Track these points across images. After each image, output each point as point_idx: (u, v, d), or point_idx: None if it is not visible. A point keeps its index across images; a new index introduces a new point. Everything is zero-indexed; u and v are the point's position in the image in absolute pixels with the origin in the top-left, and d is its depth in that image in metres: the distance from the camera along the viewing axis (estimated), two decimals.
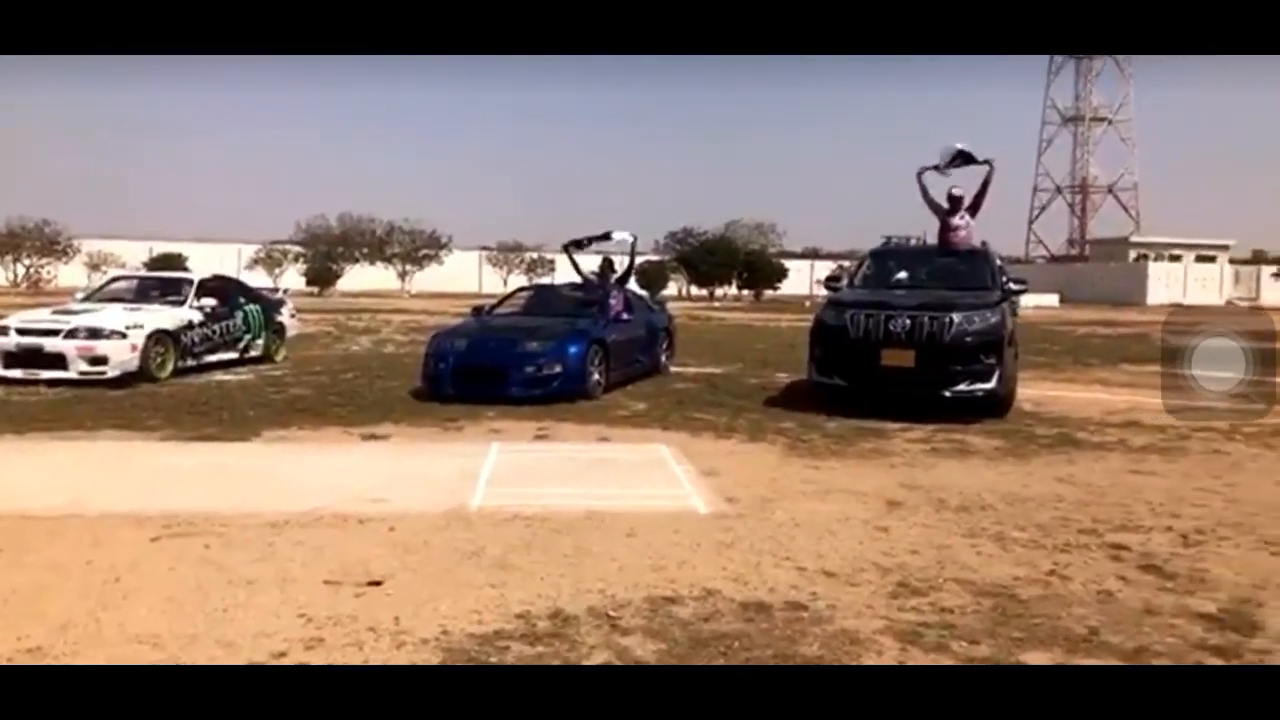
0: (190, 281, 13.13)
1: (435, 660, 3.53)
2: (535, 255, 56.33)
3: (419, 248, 52.66)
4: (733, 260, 53.73)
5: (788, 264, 54.22)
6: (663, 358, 13.35)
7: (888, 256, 11.74)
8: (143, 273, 19.37)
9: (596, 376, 10.82)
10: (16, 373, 10.91)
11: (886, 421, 9.21)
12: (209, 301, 12.73)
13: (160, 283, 13.77)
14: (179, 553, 4.80)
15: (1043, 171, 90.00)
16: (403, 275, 52.07)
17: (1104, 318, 33.52)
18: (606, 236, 13.17)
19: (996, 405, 9.68)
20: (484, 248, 57.87)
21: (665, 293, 53.43)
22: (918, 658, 3.66)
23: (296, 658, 3.52)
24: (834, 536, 5.32)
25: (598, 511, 5.70)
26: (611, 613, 4.05)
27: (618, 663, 3.54)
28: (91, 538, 5.01)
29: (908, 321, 9.59)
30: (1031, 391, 11.46)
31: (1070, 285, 58.14)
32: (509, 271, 55.74)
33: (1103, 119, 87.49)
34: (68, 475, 6.66)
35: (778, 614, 4.10)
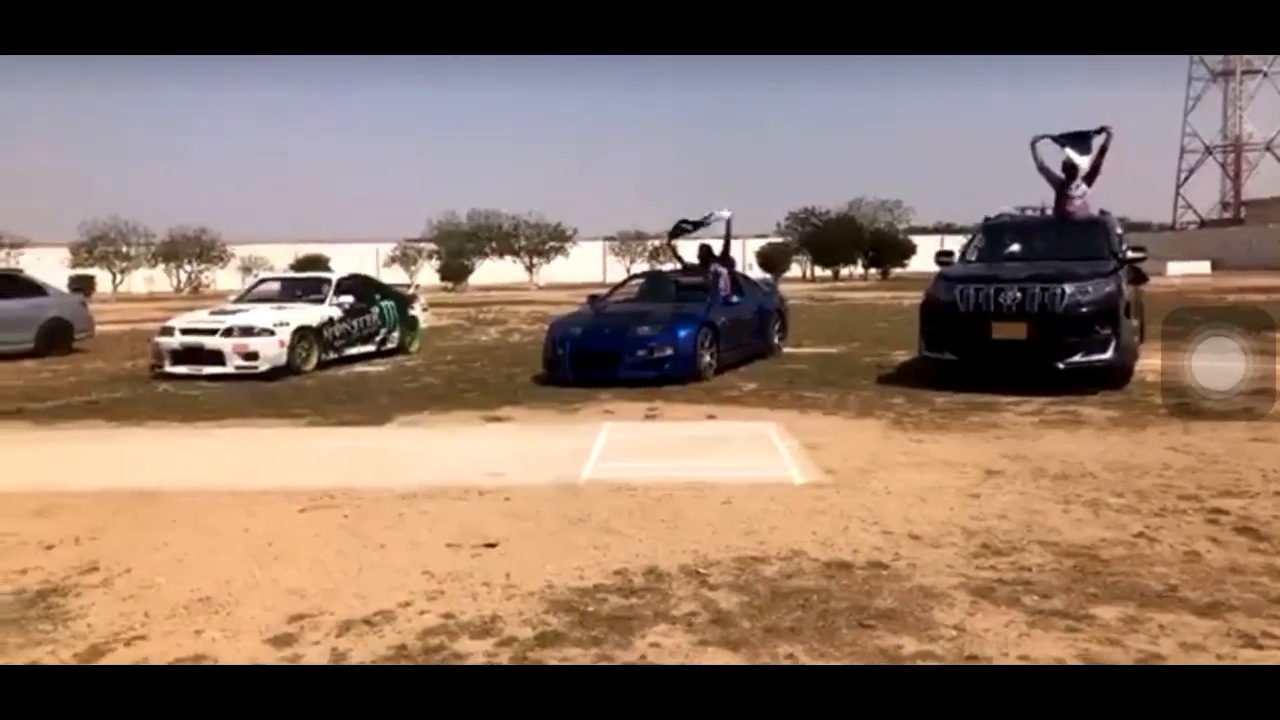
0: (329, 281, 14.11)
1: (541, 610, 3.94)
2: (657, 243, 56.84)
3: (544, 241, 53.94)
4: (858, 239, 52.93)
5: (918, 240, 52.94)
6: (775, 339, 13.55)
7: (1001, 229, 11.59)
8: (287, 274, 20.73)
9: (708, 358, 11.13)
10: (182, 369, 12.04)
11: (999, 395, 9.19)
12: (347, 299, 13.66)
13: (303, 283, 14.83)
14: (322, 522, 5.40)
15: (1190, 131, 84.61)
16: (530, 268, 53.47)
17: (1260, 284, 31.54)
18: (706, 220, 13.42)
19: (1114, 376, 9.50)
20: (607, 238, 58.70)
21: (788, 274, 53.32)
22: (988, 610, 3.85)
23: (420, 607, 4.00)
24: (925, 504, 5.49)
25: (697, 483, 6.03)
26: (701, 570, 4.39)
27: (704, 616, 3.87)
28: (248, 510, 5.66)
29: (1018, 294, 9.50)
30: (1156, 362, 11.12)
31: (1224, 250, 54.67)
32: (632, 260, 56.42)
33: (1256, 71, 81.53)
34: (228, 458, 7.45)
35: (858, 572, 4.34)
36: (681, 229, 13.84)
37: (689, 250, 13.82)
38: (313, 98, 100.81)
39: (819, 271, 54.97)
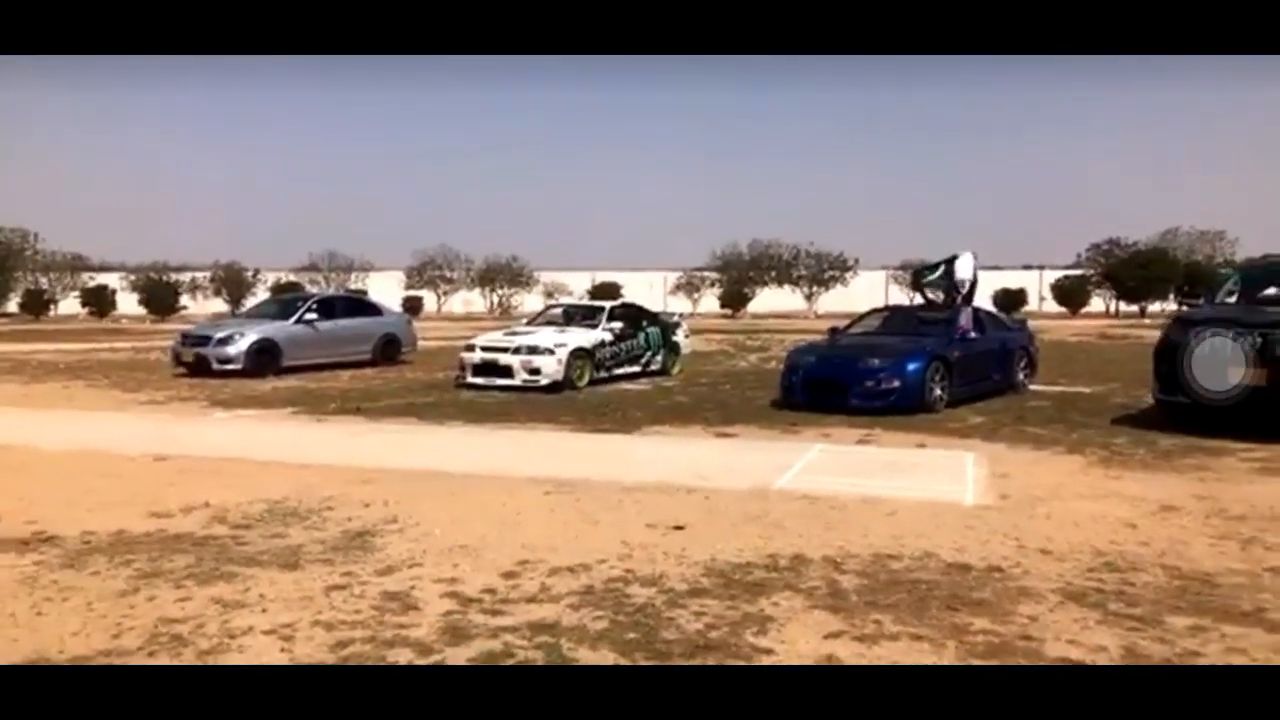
0: (603, 309, 16.01)
1: (698, 574, 5.06)
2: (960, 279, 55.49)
3: (824, 269, 54.56)
4: (1170, 273, 48.81)
5: None
6: (1020, 376, 13.67)
7: (1260, 272, 11.17)
8: (570, 301, 23.27)
9: (938, 392, 11.65)
10: (480, 380, 14.33)
11: (1232, 441, 9.09)
12: (618, 324, 15.49)
13: (582, 310, 16.89)
14: (559, 502, 6.84)
15: None
16: (809, 297, 54.27)
17: None
18: (950, 262, 13.79)
19: None
20: (886, 267, 58.21)
21: (1087, 309, 50.16)
22: (1069, 608, 4.48)
23: (611, 564, 5.26)
24: (1076, 529, 6.00)
25: (873, 497, 6.88)
26: (839, 560, 5.32)
27: (823, 589, 4.82)
28: (507, 491, 7.23)
29: (1258, 339, 9.30)
30: None
31: None
32: (933, 290, 55.37)
33: None
34: (502, 451, 9.19)
35: (974, 572, 5.08)
36: (921, 274, 14.35)
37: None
38: (622, 144, 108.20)
39: (1123, 306, 51.22)
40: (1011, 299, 49.06)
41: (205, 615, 4.47)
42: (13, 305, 51.27)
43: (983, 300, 45.25)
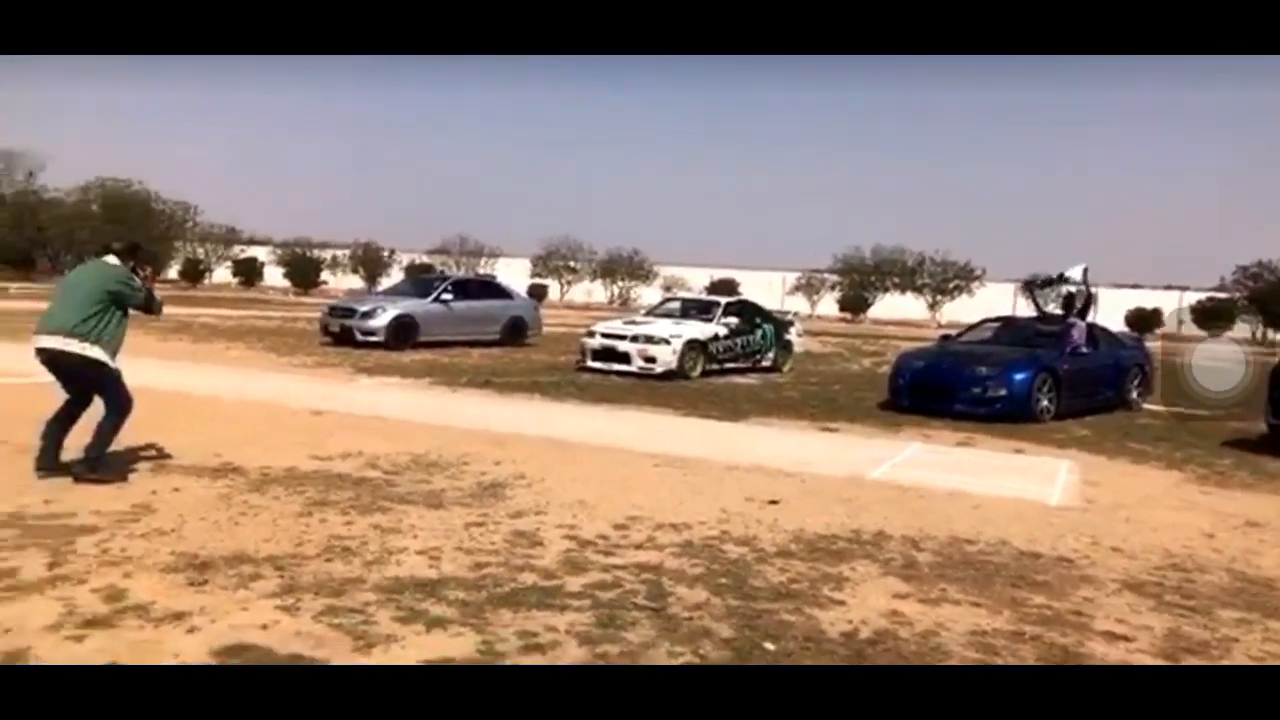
0: (718, 304, 16.64)
1: (786, 540, 5.66)
2: (1073, 289, 53.84)
3: (949, 279, 53.68)
4: None
5: None
6: (1133, 394, 13.65)
7: None
8: (687, 295, 24.03)
9: (1045, 403, 11.84)
10: (598, 365, 15.17)
11: None
12: (731, 320, 16.09)
13: (697, 304, 17.56)
14: (667, 474, 7.53)
15: None
16: (932, 305, 53.48)
17: None
18: (1061, 278, 13.84)
19: None
20: (1015, 280, 56.73)
21: (1233, 333, 47.86)
22: (1126, 596, 4.91)
23: (709, 525, 5.92)
24: (1153, 533, 6.34)
25: (961, 491, 7.32)
26: (917, 539, 5.84)
27: (899, 561, 5.35)
28: (621, 461, 7.97)
29: None
30: None
31: None
32: (1044, 303, 53.91)
33: None
34: (617, 428, 9.94)
35: (1043, 559, 5.53)
36: (1033, 285, 14.45)
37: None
38: (734, 141, 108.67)
39: (1271, 335, 48.64)
40: (1144, 319, 47.42)
41: (367, 536, 5.34)
42: (172, 273, 55.25)
43: (1114, 319, 43.80)
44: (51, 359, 6.30)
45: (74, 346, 6.19)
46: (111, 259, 6.52)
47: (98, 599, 4.18)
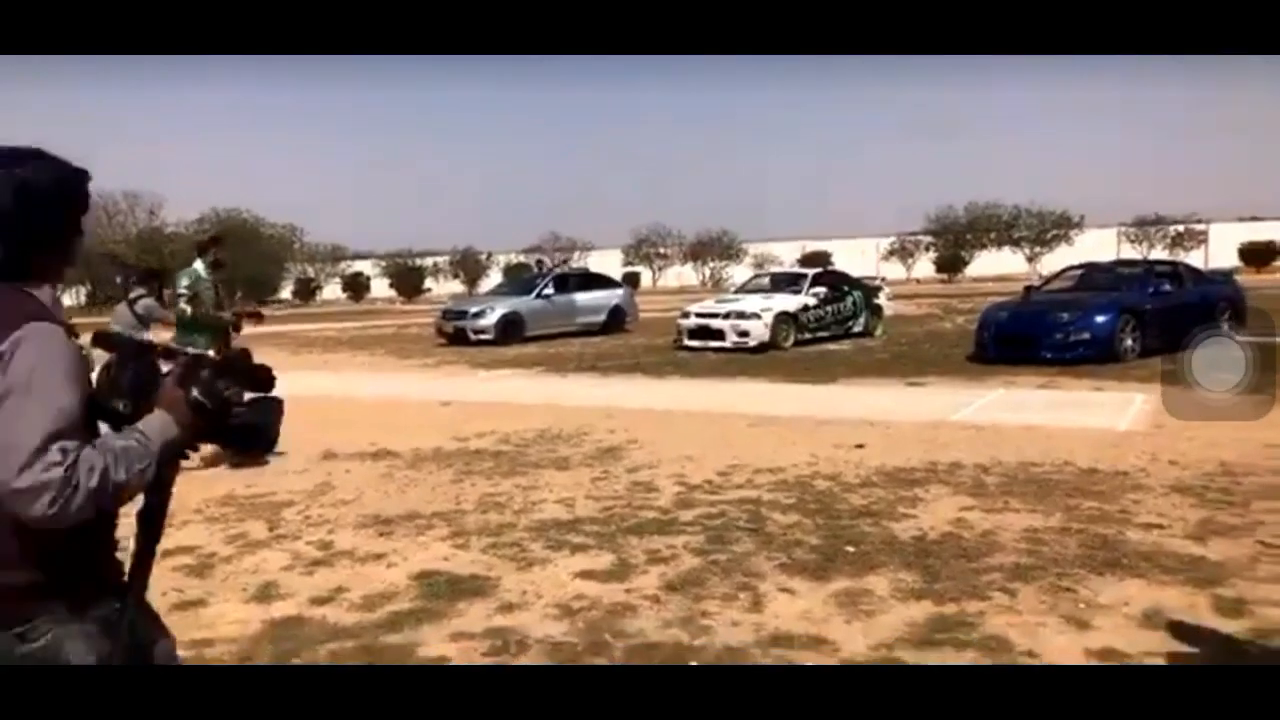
0: (806, 276, 17.35)
1: (869, 474, 6.47)
2: (1181, 229, 52.11)
3: (1047, 229, 52.61)
4: None
5: None
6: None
7: None
8: (776, 270, 24.66)
9: (1129, 343, 12.24)
10: (694, 343, 16.08)
11: None
12: (820, 290, 16.78)
13: (785, 277, 18.30)
14: (760, 431, 8.40)
15: None
16: (1031, 258, 52.52)
17: None
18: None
19: None
20: (1120, 224, 55.15)
21: None
22: (1172, 497, 5.57)
23: (801, 468, 6.77)
24: (1212, 448, 6.90)
25: (1035, 426, 7.98)
26: (987, 465, 6.58)
27: (968, 484, 6.11)
28: (719, 424, 8.87)
29: None
30: None
31: None
32: (1150, 247, 52.35)
33: None
34: (711, 395, 10.83)
35: (1100, 473, 6.21)
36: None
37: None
38: (822, 107, 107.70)
39: None
40: (1259, 252, 45.56)
41: (512, 493, 6.39)
42: (285, 293, 58.37)
43: (1227, 254, 42.68)
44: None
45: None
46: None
47: (313, 548, 5.31)
